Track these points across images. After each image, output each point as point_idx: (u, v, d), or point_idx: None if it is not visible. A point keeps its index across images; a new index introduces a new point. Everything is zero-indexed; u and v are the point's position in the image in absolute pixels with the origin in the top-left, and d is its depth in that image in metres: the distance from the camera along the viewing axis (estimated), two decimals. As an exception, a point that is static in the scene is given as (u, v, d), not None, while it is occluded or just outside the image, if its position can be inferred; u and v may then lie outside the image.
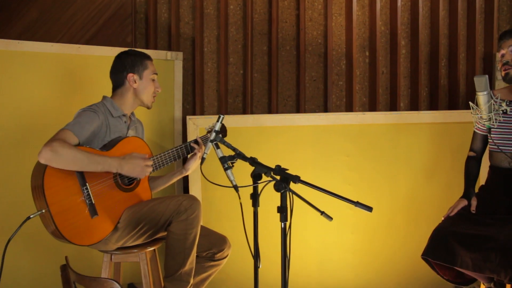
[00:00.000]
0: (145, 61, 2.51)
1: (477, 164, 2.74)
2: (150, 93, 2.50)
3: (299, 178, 2.07)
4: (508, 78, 2.49)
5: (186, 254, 2.17)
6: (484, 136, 2.69)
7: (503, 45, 2.54)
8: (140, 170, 2.27)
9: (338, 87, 3.79)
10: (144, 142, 2.46)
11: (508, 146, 2.53)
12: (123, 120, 2.45)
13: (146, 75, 2.49)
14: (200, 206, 2.21)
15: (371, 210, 2.00)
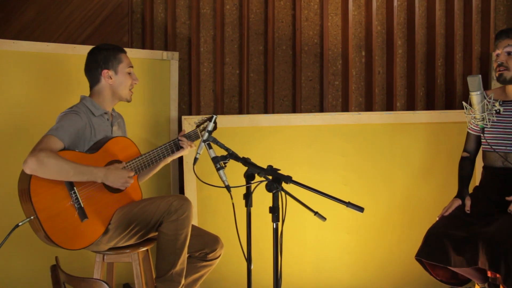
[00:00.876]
0: (119, 54, 2.45)
1: (471, 164, 2.74)
2: (127, 87, 2.46)
3: (290, 178, 2.07)
4: (501, 79, 2.49)
5: (177, 255, 2.17)
6: (477, 137, 2.69)
7: (498, 45, 2.54)
8: (123, 182, 2.26)
9: (334, 87, 3.79)
10: (131, 141, 2.45)
11: (501, 145, 2.53)
12: (105, 118, 2.43)
13: (121, 69, 2.45)
14: (191, 207, 2.21)
15: (363, 210, 2.00)
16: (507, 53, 2.49)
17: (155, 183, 3.51)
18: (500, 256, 2.14)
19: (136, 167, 2.35)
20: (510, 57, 2.48)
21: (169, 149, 2.47)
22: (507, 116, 2.53)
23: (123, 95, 2.47)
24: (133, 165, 2.35)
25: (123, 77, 2.44)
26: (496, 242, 2.18)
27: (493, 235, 2.22)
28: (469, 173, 2.73)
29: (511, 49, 2.48)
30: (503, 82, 2.50)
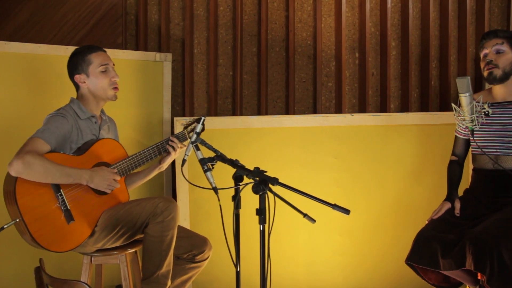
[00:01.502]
0: (87, 56, 2.38)
1: (460, 167, 2.74)
2: (105, 85, 2.40)
3: (277, 180, 2.06)
4: (491, 77, 2.48)
5: (162, 256, 2.16)
6: (465, 140, 2.69)
7: (486, 45, 2.54)
8: (108, 184, 2.25)
9: (328, 89, 3.78)
10: (118, 143, 2.44)
11: (491, 148, 2.52)
12: (92, 121, 2.42)
13: (92, 70, 2.38)
14: (176, 208, 2.20)
15: (349, 213, 1.99)
16: (495, 51, 2.49)
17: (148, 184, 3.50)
18: (485, 256, 2.14)
19: (122, 169, 2.35)
20: (499, 55, 2.48)
21: (156, 151, 2.46)
22: (496, 118, 2.53)
23: (103, 95, 2.42)
24: (120, 167, 2.34)
25: (96, 78, 2.38)
26: (481, 242, 2.18)
27: (478, 235, 2.22)
28: (458, 176, 2.73)
29: (499, 47, 2.48)
30: (493, 80, 2.49)
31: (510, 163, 2.48)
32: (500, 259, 2.13)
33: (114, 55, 3.38)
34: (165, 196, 2.26)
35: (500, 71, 2.46)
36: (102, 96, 2.42)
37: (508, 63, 2.47)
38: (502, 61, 2.47)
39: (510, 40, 2.50)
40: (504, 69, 2.46)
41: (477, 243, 2.18)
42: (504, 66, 2.46)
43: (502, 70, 2.46)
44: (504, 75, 2.47)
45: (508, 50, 2.49)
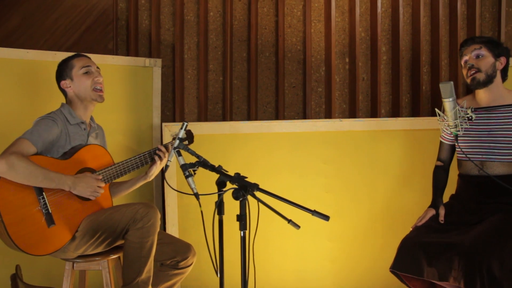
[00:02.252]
0: (70, 61, 2.48)
1: (445, 173, 2.74)
2: (87, 87, 2.45)
3: (257, 186, 2.06)
4: (475, 82, 2.48)
5: (142, 263, 2.16)
6: (450, 146, 2.68)
7: (465, 52, 2.54)
8: (91, 191, 2.26)
9: (317, 94, 3.77)
10: (104, 150, 2.45)
11: (476, 154, 2.51)
12: (82, 127, 2.44)
13: (75, 73, 2.45)
14: (156, 214, 2.20)
15: (328, 219, 1.99)
16: (475, 56, 2.50)
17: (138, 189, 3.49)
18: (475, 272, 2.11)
19: (107, 176, 2.35)
20: (480, 59, 2.49)
21: (143, 160, 2.46)
22: (481, 124, 2.52)
23: (88, 96, 2.46)
24: (105, 174, 2.34)
25: (78, 80, 2.45)
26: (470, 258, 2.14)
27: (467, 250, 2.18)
28: (443, 182, 2.72)
29: (479, 52, 2.49)
30: (477, 85, 2.48)
31: (495, 169, 2.46)
32: (490, 274, 2.10)
33: (104, 61, 3.39)
34: (146, 202, 2.25)
35: (483, 74, 2.46)
36: (87, 97, 2.46)
37: (490, 66, 2.47)
38: (484, 64, 2.47)
39: (487, 44, 2.51)
40: (486, 72, 2.46)
41: (467, 259, 2.14)
42: (486, 69, 2.47)
43: (485, 73, 2.46)
44: (487, 78, 2.47)
45: (487, 54, 2.49)
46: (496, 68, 2.50)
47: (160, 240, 2.41)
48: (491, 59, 2.49)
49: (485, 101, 2.54)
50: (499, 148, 2.45)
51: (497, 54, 2.51)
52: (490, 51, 2.50)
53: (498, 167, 2.46)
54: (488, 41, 2.52)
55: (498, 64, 2.50)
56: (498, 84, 2.52)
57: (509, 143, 2.44)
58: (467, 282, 2.11)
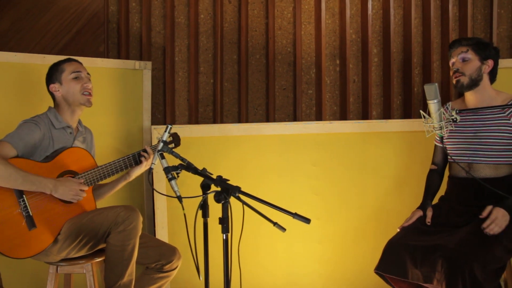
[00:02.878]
0: (60, 66, 2.50)
1: (439, 177, 2.73)
2: (76, 91, 2.46)
3: (239, 189, 2.05)
4: (459, 85, 2.49)
5: (124, 266, 2.15)
6: (443, 148, 2.66)
7: (452, 54, 2.55)
8: (73, 195, 2.25)
9: (308, 96, 3.76)
10: (87, 153, 2.44)
11: (463, 156, 2.51)
12: (67, 132, 2.43)
13: (65, 77, 2.47)
14: (138, 217, 2.19)
15: (309, 222, 1.98)
16: (461, 60, 2.50)
17: (129, 192, 3.50)
18: (457, 275, 2.10)
19: (90, 179, 2.34)
20: (465, 63, 2.48)
21: (127, 163, 2.46)
22: (468, 125, 2.51)
23: (76, 101, 2.47)
24: (87, 176, 2.33)
25: (68, 85, 2.46)
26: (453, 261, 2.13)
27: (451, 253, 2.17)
28: (436, 186, 2.71)
29: (465, 55, 2.49)
30: (461, 88, 2.49)
31: (482, 171, 2.46)
32: (472, 276, 2.09)
33: (93, 64, 3.39)
34: (127, 205, 2.24)
35: (467, 78, 2.46)
36: (75, 102, 2.46)
37: (474, 70, 2.47)
38: (468, 69, 2.47)
39: (474, 47, 2.50)
40: (470, 76, 2.46)
41: (450, 261, 2.13)
42: (471, 74, 2.46)
43: (469, 78, 2.46)
44: (471, 82, 2.47)
45: (473, 57, 2.49)
46: (482, 71, 2.49)
47: (145, 244, 2.40)
48: (477, 62, 2.49)
49: (473, 103, 2.53)
50: (485, 150, 2.44)
51: (484, 57, 2.50)
52: (477, 54, 2.49)
53: (484, 169, 2.45)
54: (476, 44, 2.51)
55: (484, 67, 2.50)
56: (486, 86, 2.52)
57: (495, 145, 2.43)
58: (449, 284, 2.10)
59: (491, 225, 2.25)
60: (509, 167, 2.45)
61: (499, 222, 2.25)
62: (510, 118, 2.42)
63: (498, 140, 2.42)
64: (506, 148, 2.43)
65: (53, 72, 2.49)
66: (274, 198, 3.20)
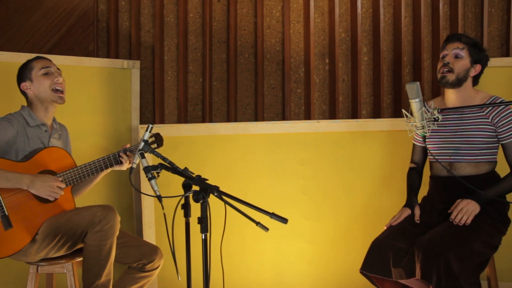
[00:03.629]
0: (30, 64, 2.49)
1: (418, 175, 2.72)
2: (47, 87, 2.45)
3: (218, 188, 2.04)
4: (444, 81, 2.46)
5: (101, 266, 2.14)
6: (422, 148, 2.67)
7: (447, 47, 2.51)
8: (50, 191, 2.24)
9: (297, 95, 3.75)
10: (65, 153, 2.43)
11: (444, 155, 2.50)
12: (42, 130, 2.42)
13: (35, 74, 2.46)
14: (115, 217, 2.18)
15: (286, 222, 1.97)
16: (454, 55, 2.47)
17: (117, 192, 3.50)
18: (432, 265, 2.10)
19: (69, 179, 2.33)
20: (457, 60, 2.46)
21: (107, 163, 2.44)
22: (448, 124, 2.50)
23: (48, 98, 2.45)
24: (66, 176, 2.32)
25: (38, 81, 2.45)
26: (428, 250, 2.14)
27: (426, 243, 2.18)
28: (417, 183, 2.71)
29: (459, 52, 2.46)
30: (445, 84, 2.46)
31: (462, 169, 2.45)
32: (448, 268, 2.09)
33: (81, 63, 3.39)
34: (105, 205, 2.23)
35: (454, 76, 2.44)
36: (46, 98, 2.45)
37: (463, 70, 2.45)
38: (458, 67, 2.45)
39: (470, 48, 2.48)
40: (458, 75, 2.44)
41: (425, 251, 2.15)
42: (459, 72, 2.44)
43: (456, 76, 2.44)
44: (456, 80, 2.45)
45: (466, 57, 2.47)
46: (469, 73, 2.48)
47: (126, 243, 2.39)
48: (467, 63, 2.47)
49: (453, 102, 2.52)
50: (466, 149, 2.44)
51: (475, 60, 2.48)
52: (470, 55, 2.47)
53: (465, 168, 2.45)
54: (473, 44, 2.49)
55: (472, 70, 2.48)
56: (467, 87, 2.51)
57: (475, 143, 2.42)
58: (424, 273, 2.10)
59: (458, 215, 2.28)
60: (489, 164, 2.46)
61: (467, 211, 2.27)
62: (489, 117, 2.41)
63: (478, 138, 2.42)
64: (486, 146, 2.43)
65: (23, 71, 2.48)
66: (261, 197, 3.22)
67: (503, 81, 3.34)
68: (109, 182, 3.46)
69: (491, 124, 2.41)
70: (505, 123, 2.39)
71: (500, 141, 2.43)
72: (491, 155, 2.45)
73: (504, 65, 3.38)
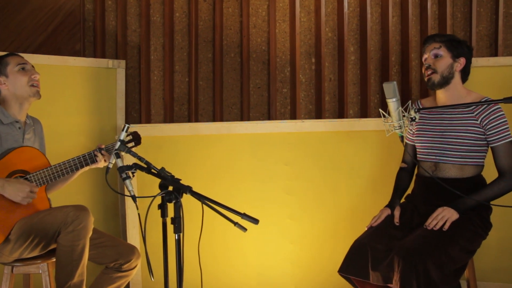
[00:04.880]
0: (5, 59, 2.47)
1: (408, 175, 2.70)
2: (23, 83, 2.42)
3: (190, 188, 2.03)
4: (430, 83, 2.45)
5: (74, 266, 2.13)
6: (414, 147, 2.62)
7: (426, 50, 2.51)
8: (23, 196, 2.22)
9: (282, 95, 3.73)
10: (38, 152, 2.41)
11: (430, 155, 2.48)
12: (16, 127, 2.40)
13: (10, 70, 2.43)
14: (88, 217, 2.16)
15: (257, 222, 1.95)
16: (433, 56, 2.46)
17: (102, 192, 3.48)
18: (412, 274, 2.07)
19: (42, 179, 2.31)
20: (437, 60, 2.44)
21: (82, 162, 2.43)
22: (434, 124, 2.48)
23: (24, 93, 2.43)
24: (39, 176, 2.31)
25: (14, 77, 2.42)
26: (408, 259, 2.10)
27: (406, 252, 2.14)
28: (405, 185, 2.68)
29: (437, 52, 2.45)
30: (432, 85, 2.45)
31: (447, 171, 2.43)
32: (427, 276, 2.06)
33: (65, 63, 3.37)
34: (78, 205, 2.21)
35: (439, 76, 2.43)
36: (23, 94, 2.43)
37: (446, 67, 2.43)
38: (440, 66, 2.43)
39: (447, 44, 2.46)
40: (442, 74, 2.42)
41: (405, 261, 2.11)
42: (442, 71, 2.42)
43: (440, 75, 2.42)
44: (442, 79, 2.43)
45: (445, 54, 2.45)
46: (453, 69, 2.45)
47: (102, 243, 2.38)
48: (449, 60, 2.45)
49: (443, 101, 2.50)
50: (452, 150, 2.41)
51: (456, 54, 2.46)
52: (449, 51, 2.46)
53: (450, 170, 2.42)
54: (449, 40, 2.48)
55: (456, 65, 2.46)
56: (457, 84, 2.48)
57: (461, 145, 2.39)
58: (403, 283, 2.07)
59: (433, 221, 2.27)
60: (474, 168, 2.42)
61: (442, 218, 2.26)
62: (478, 119, 2.38)
63: (464, 140, 2.39)
64: (472, 148, 2.39)
65: None
66: (246, 197, 3.20)
67: (491, 81, 3.33)
68: (94, 181, 3.45)
69: (480, 126, 2.38)
70: (495, 125, 2.35)
71: (489, 144, 2.39)
72: (478, 159, 2.41)
73: (491, 65, 3.36)
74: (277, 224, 3.25)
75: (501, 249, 3.20)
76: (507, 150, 2.34)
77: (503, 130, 2.34)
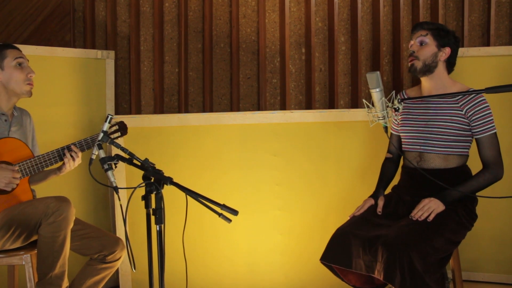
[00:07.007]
0: (3, 51, 2.43)
1: (393, 165, 2.69)
2: (19, 80, 2.41)
3: (171, 179, 2.02)
4: (412, 69, 2.44)
5: (55, 257, 2.13)
6: (399, 137, 2.61)
7: (413, 37, 2.50)
8: (6, 182, 2.22)
9: (272, 85, 3.72)
10: (21, 143, 2.40)
11: (414, 145, 2.47)
12: (2, 119, 2.39)
13: (7, 63, 2.40)
14: (69, 208, 2.16)
15: (237, 213, 1.94)
16: (419, 43, 2.45)
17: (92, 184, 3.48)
18: (395, 265, 2.07)
19: (25, 170, 2.31)
20: (422, 47, 2.43)
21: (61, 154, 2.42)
22: (419, 114, 2.47)
23: (18, 89, 2.42)
24: (22, 168, 2.30)
25: (10, 71, 2.40)
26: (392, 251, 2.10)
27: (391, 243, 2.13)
28: (390, 174, 2.68)
29: (423, 39, 2.43)
30: (414, 72, 2.44)
31: (432, 161, 2.41)
32: (411, 266, 2.06)
33: (54, 53, 3.35)
34: (59, 196, 2.21)
35: (421, 63, 2.41)
36: (16, 90, 2.42)
37: (429, 55, 2.41)
38: (423, 53, 2.42)
39: (434, 33, 2.44)
40: (424, 61, 2.41)
41: (389, 251, 2.10)
42: (425, 59, 2.41)
43: (422, 62, 2.41)
44: (424, 67, 2.41)
45: (431, 42, 2.43)
46: (437, 58, 2.43)
47: (87, 234, 2.38)
48: (434, 48, 2.43)
49: (428, 90, 2.48)
50: (436, 140, 2.40)
51: (441, 44, 2.44)
52: (435, 40, 2.44)
53: (434, 160, 2.41)
54: (436, 29, 2.46)
55: (441, 54, 2.44)
56: (441, 74, 2.46)
57: (445, 135, 2.38)
58: (387, 275, 2.07)
59: (418, 212, 2.26)
60: (458, 158, 2.41)
61: (428, 209, 2.26)
62: (463, 109, 2.37)
63: (448, 130, 2.38)
64: (457, 138, 2.38)
65: None
66: (234, 188, 3.20)
67: (482, 71, 3.31)
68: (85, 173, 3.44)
69: (465, 117, 2.36)
70: (480, 117, 2.34)
71: (474, 136, 2.38)
72: (463, 148, 2.40)
73: (482, 55, 3.34)
74: (266, 215, 3.24)
75: (487, 239, 3.21)
76: (491, 142, 2.33)
77: (488, 122, 2.33)
